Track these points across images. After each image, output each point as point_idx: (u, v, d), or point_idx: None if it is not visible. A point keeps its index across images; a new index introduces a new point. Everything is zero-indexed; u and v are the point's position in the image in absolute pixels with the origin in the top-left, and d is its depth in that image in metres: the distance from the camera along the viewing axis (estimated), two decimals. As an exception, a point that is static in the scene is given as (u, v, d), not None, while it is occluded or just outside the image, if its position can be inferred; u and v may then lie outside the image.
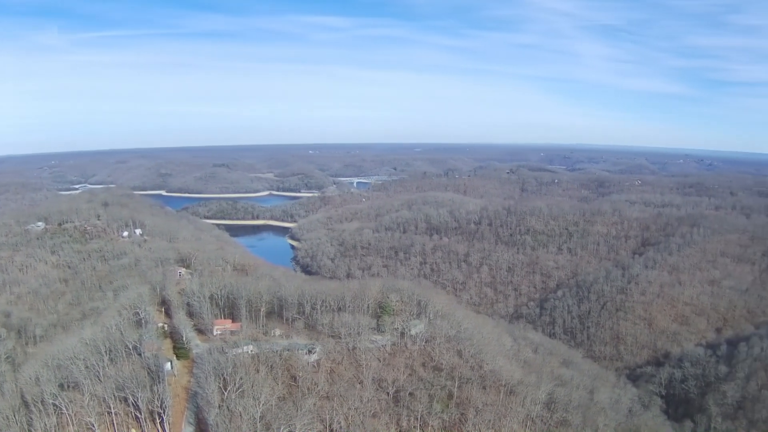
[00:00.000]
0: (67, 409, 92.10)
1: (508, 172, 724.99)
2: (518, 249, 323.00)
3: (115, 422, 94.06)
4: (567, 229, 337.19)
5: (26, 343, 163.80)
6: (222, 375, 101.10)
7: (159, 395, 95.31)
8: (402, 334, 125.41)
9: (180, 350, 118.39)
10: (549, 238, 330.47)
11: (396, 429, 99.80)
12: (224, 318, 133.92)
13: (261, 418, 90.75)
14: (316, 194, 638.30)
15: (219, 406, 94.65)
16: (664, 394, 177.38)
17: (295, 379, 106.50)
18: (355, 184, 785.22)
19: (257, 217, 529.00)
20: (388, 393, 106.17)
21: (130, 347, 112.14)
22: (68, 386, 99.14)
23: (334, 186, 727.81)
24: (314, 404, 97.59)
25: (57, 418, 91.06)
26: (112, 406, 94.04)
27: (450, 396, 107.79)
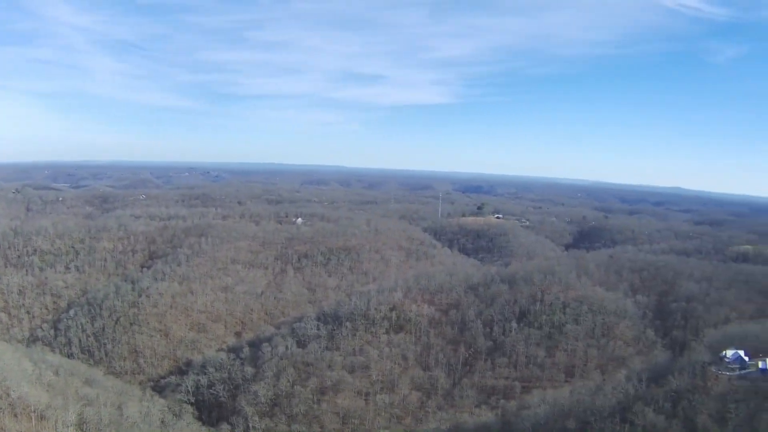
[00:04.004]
0: None
1: (13, 192, 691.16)
2: (27, 270, 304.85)
3: None
4: (73, 247, 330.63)
5: None
6: None
7: None
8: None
9: None
10: (56, 258, 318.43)
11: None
12: None
13: None
14: None
15: None
16: (193, 401, 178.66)
17: None
18: None
19: None
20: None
21: None
22: None
23: None
24: None
25: None
26: None
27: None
